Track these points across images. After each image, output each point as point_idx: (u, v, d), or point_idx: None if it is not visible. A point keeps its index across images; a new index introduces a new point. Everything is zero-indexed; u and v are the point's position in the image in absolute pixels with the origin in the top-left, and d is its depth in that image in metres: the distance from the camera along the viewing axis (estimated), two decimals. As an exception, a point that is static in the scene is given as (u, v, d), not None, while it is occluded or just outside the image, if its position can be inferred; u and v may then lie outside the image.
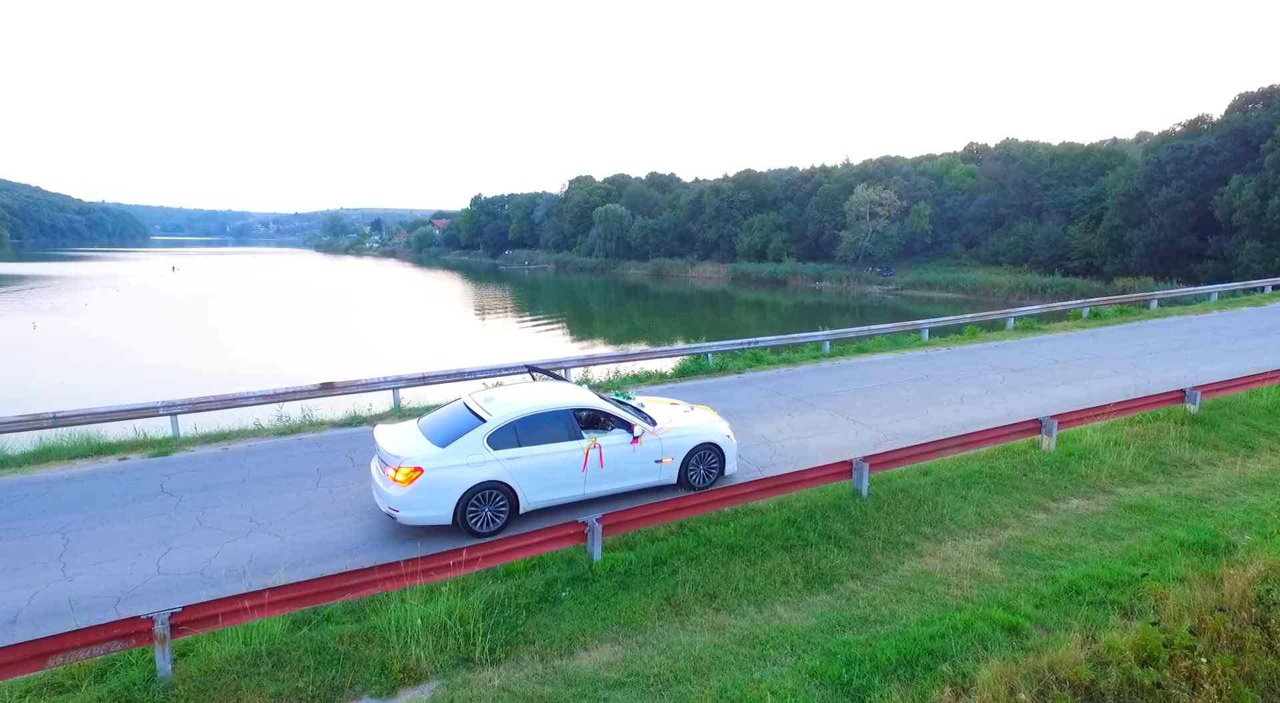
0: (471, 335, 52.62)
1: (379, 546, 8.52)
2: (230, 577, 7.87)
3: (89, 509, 9.66)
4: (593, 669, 6.22)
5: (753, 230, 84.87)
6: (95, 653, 5.95)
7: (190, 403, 13.10)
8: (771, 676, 5.99)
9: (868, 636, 6.49)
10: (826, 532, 8.31)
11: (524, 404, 9.06)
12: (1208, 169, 53.11)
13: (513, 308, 74.87)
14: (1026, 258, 64.33)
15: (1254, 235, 49.83)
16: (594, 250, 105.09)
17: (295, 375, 20.63)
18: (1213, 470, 10.09)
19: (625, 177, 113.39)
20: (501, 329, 57.62)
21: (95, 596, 7.54)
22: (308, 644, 6.45)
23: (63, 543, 8.71)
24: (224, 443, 12.47)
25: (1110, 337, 19.14)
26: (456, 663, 6.31)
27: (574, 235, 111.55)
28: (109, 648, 5.98)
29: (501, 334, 54.57)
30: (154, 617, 6.04)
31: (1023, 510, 8.98)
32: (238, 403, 13.39)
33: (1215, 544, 7.83)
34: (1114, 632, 6.31)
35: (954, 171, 72.31)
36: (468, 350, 38.27)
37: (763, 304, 75.37)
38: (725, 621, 6.89)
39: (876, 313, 65.92)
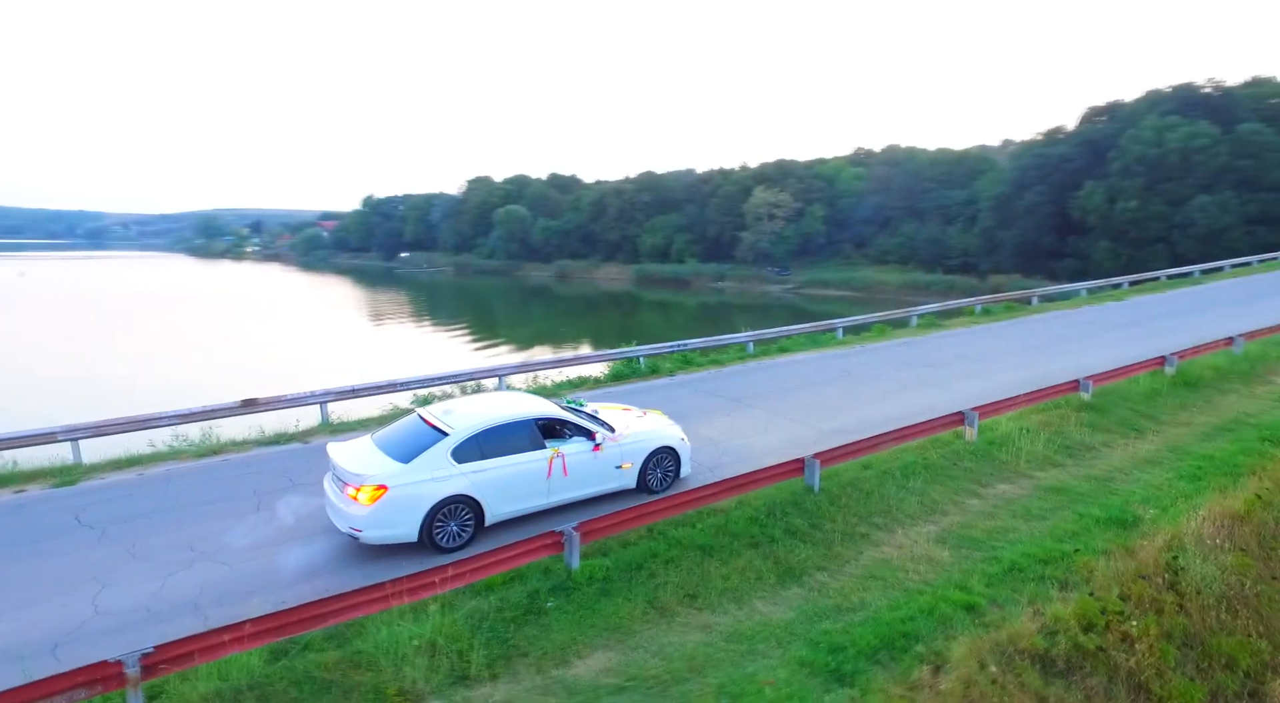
0: (378, 344, 50.88)
1: (340, 568, 8.27)
2: (182, 612, 7.45)
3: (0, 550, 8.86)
4: (591, 677, 6.34)
5: (655, 232, 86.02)
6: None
7: (94, 427, 12.15)
8: (764, 669, 6.30)
9: (844, 624, 6.92)
10: (788, 528, 8.73)
11: (486, 416, 9.01)
12: (1065, 175, 58.07)
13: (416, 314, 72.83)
14: (911, 257, 68.32)
15: (1105, 235, 54.92)
16: (496, 252, 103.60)
17: (185, 394, 19.47)
18: (1110, 452, 11.24)
19: (525, 177, 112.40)
20: (407, 337, 56.02)
21: (26, 643, 6.96)
22: (291, 675, 6.25)
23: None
24: (138, 468, 11.66)
25: (1003, 332, 20.76)
26: (453, 682, 6.27)
27: (474, 237, 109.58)
28: (71, 698, 5.59)
29: (409, 342, 53.08)
30: (123, 659, 5.70)
31: (958, 497, 9.73)
32: (149, 424, 12.53)
33: (1125, 519, 8.77)
34: (1056, 604, 7.01)
35: (844, 175, 75.79)
36: (377, 361, 37.01)
37: (668, 305, 76.60)
38: (709, 619, 7.15)
39: (777, 311, 68.29)
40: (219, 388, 23.39)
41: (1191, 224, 50.84)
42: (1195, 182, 51.54)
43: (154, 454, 12.21)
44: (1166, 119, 54.14)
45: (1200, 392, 13.93)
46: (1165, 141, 52.71)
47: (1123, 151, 54.67)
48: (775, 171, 78.81)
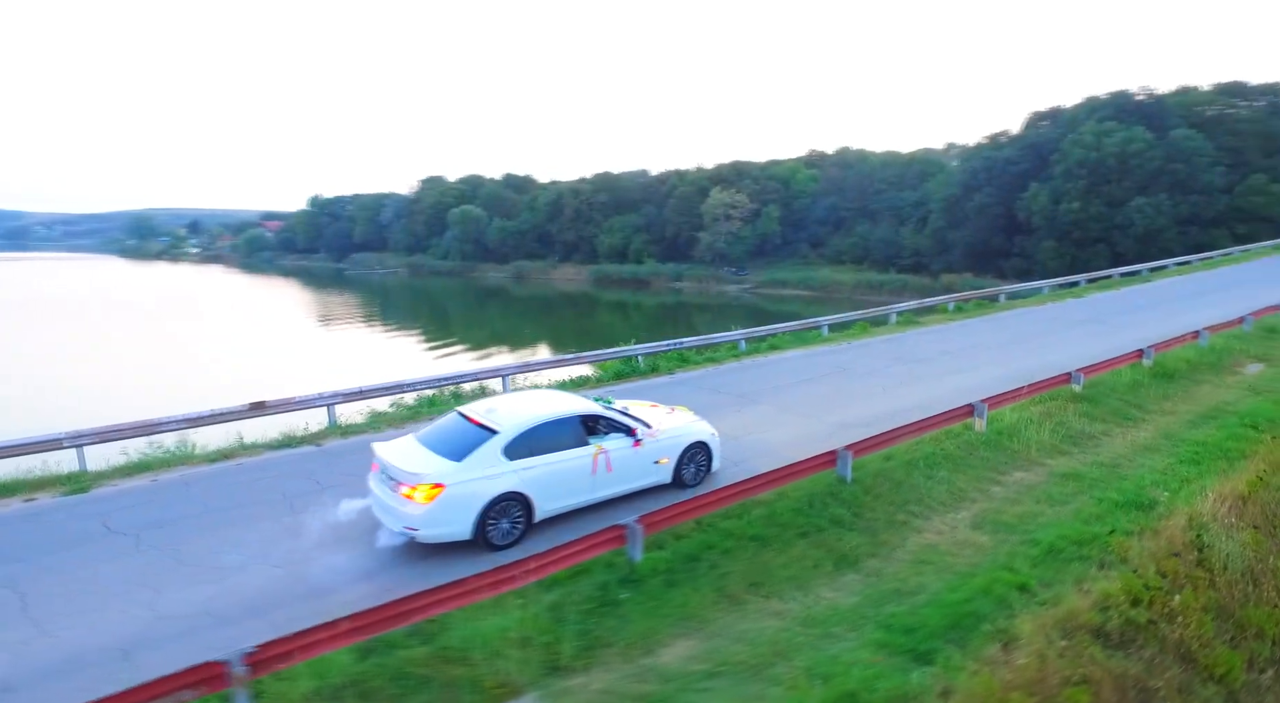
0: (329, 348, 49.71)
1: (393, 567, 8.25)
2: (246, 614, 7.38)
3: (25, 558, 8.57)
4: (680, 664, 6.52)
5: (613, 232, 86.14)
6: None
7: (100, 432, 11.79)
8: (846, 651, 6.58)
9: (909, 606, 7.25)
10: (832, 517, 9.05)
11: (533, 413, 9.09)
12: (1011, 177, 60.33)
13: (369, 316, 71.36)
14: (865, 257, 69.98)
15: (1049, 235, 57.26)
16: (450, 253, 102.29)
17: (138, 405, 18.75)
18: (1110, 440, 11.90)
19: (479, 177, 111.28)
20: (359, 340, 54.76)
21: (95, 649, 6.83)
22: (386, 672, 6.28)
23: (18, 597, 7.73)
24: (149, 474, 11.36)
25: (977, 328, 21.60)
26: (547, 673, 6.38)
27: (428, 238, 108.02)
28: (178, 699, 5.53)
29: (362, 345, 51.97)
30: (227, 660, 5.66)
31: (981, 485, 10.20)
32: (156, 429, 12.21)
33: (1142, 501, 9.34)
34: (1102, 582, 7.47)
35: (799, 176, 77.14)
36: (343, 367, 36.27)
37: (626, 305, 76.82)
38: (779, 606, 7.40)
39: (735, 311, 69.12)
40: (152, 400, 22.82)
41: (1130, 225, 53.46)
42: (1132, 184, 54.21)
43: (163, 459, 11.89)
44: (1105, 124, 56.79)
45: (1177, 382, 14.80)
46: (1104, 146, 55.28)
47: (1065, 155, 57.10)
48: (731, 173, 79.79)
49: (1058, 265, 55.28)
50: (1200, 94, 61.06)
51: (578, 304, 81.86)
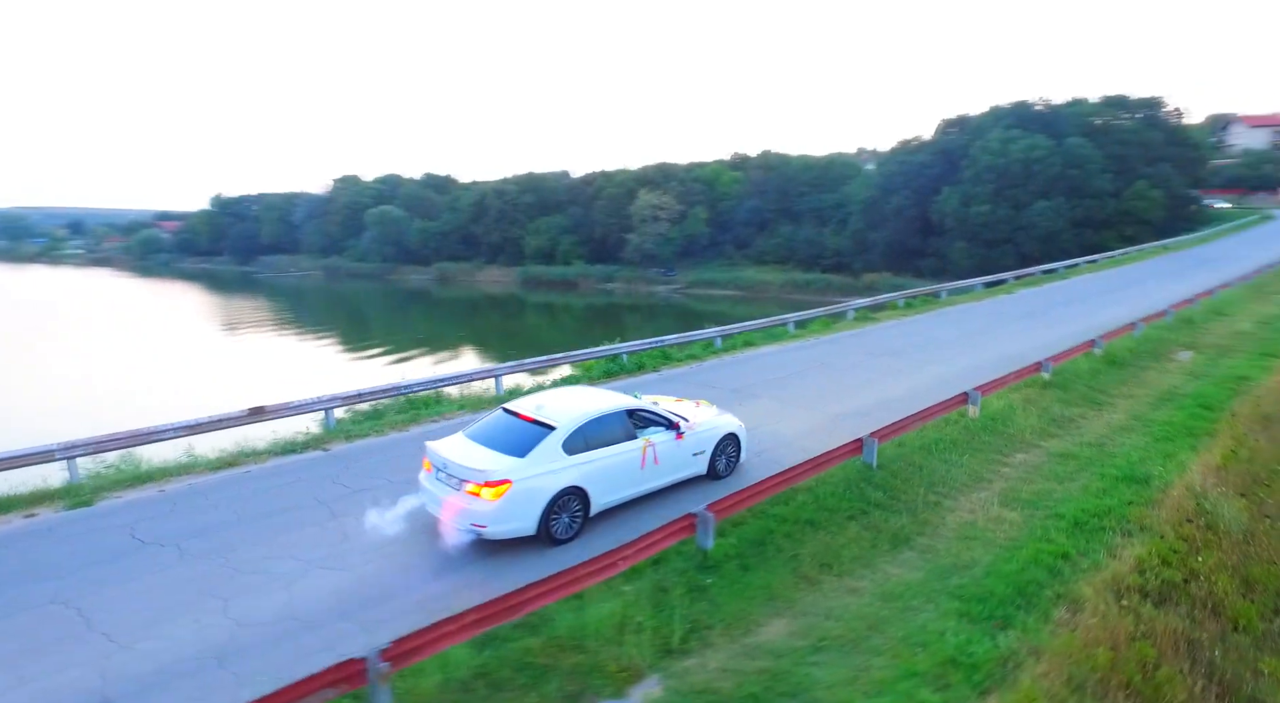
0: (235, 356, 47.33)
1: (463, 566, 8.24)
2: (330, 617, 7.28)
3: (63, 575, 8.11)
4: (782, 641, 6.84)
5: (539, 233, 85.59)
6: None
7: (94, 443, 11.15)
8: (931, 621, 7.05)
9: (971, 578, 7.81)
10: (872, 501, 9.57)
11: (586, 408, 9.22)
12: (925, 181, 63.52)
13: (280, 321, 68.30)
14: (790, 257, 72.10)
15: (961, 237, 60.65)
16: (369, 255, 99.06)
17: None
18: (1088, 423, 12.97)
19: (398, 177, 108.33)
20: (270, 346, 52.30)
21: (184, 659, 6.61)
22: (508, 663, 6.36)
23: (76, 613, 7.34)
24: (154, 484, 10.84)
25: (932, 323, 22.86)
26: (661, 655, 6.59)
27: (344, 239, 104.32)
28: (321, 698, 5.46)
29: (272, 352, 49.74)
30: (366, 657, 5.62)
31: (991, 467, 10.96)
32: (153, 438, 11.62)
33: (1139, 476, 10.28)
34: (1134, 548, 8.25)
35: (723, 178, 78.71)
36: (253, 377, 34.76)
37: (555, 307, 76.57)
38: (852, 584, 7.83)
39: (666, 312, 70.00)
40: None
41: (1033, 226, 57.28)
42: (1035, 188, 58.10)
43: (164, 469, 11.35)
44: (1009, 132, 60.63)
45: (1126, 369, 16.20)
46: (1009, 152, 59.02)
47: (974, 161, 60.63)
48: (657, 174, 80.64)
49: (969, 265, 58.60)
50: (1089, 106, 66.04)
51: (505, 307, 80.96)
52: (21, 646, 6.77)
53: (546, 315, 75.59)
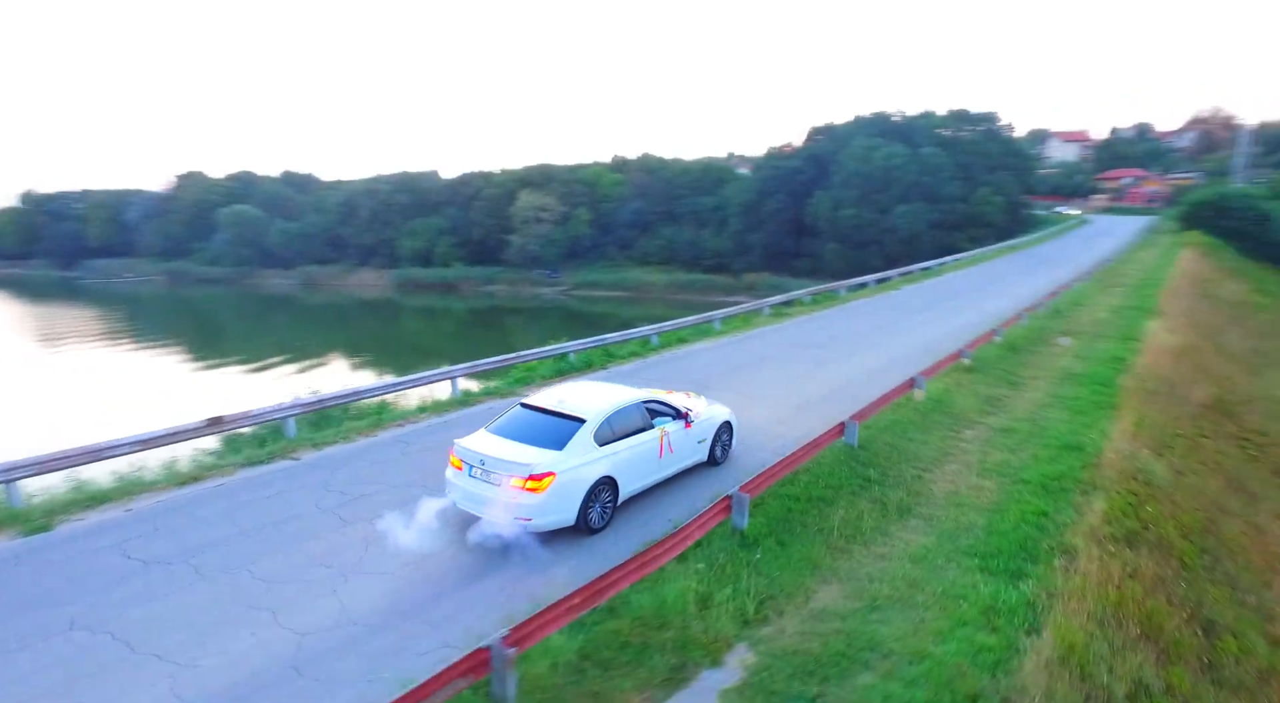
0: (62, 373, 42.92)
1: (503, 560, 8.28)
2: (395, 618, 7.20)
3: (74, 600, 7.48)
4: (840, 605, 7.44)
5: (415, 235, 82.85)
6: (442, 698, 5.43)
7: (37, 463, 10.07)
8: (959, 577, 7.89)
9: (977, 539, 8.74)
10: (867, 477, 10.40)
11: (609, 401, 9.47)
12: (798, 185, 67.16)
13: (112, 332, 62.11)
14: (672, 258, 73.87)
15: (833, 239, 64.64)
16: (222, 258, 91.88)
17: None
18: (1013, 401, 14.55)
19: (252, 174, 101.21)
20: (96, 360, 47.68)
21: (256, 672, 6.38)
22: (606, 643, 6.59)
23: (110, 637, 6.83)
24: (115, 504, 10.03)
25: (842, 318, 24.47)
26: (741, 625, 7.02)
27: (190, 241, 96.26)
28: (456, 689, 5.48)
29: (115, 367, 45.46)
30: (490, 645, 5.69)
31: (950, 443, 12.13)
32: (104, 455, 10.64)
33: (1075, 444, 11.74)
34: (1093, 503, 9.52)
35: (605, 180, 79.44)
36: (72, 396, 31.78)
37: (435, 311, 74.48)
38: (878, 551, 8.56)
39: (551, 314, 69.82)
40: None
41: (896, 229, 61.98)
42: (896, 193, 62.90)
43: (121, 488, 10.48)
44: (872, 141, 65.25)
45: (1024, 354, 18.20)
46: (872, 159, 63.58)
47: (841, 167, 64.79)
48: (539, 175, 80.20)
49: (841, 265, 62.52)
50: (937, 118, 72.27)
51: (379, 311, 77.77)
52: (68, 673, 6.25)
53: (426, 320, 73.33)
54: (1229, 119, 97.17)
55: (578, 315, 68.22)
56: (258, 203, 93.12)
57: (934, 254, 55.93)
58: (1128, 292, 28.27)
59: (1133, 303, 25.45)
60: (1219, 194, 55.59)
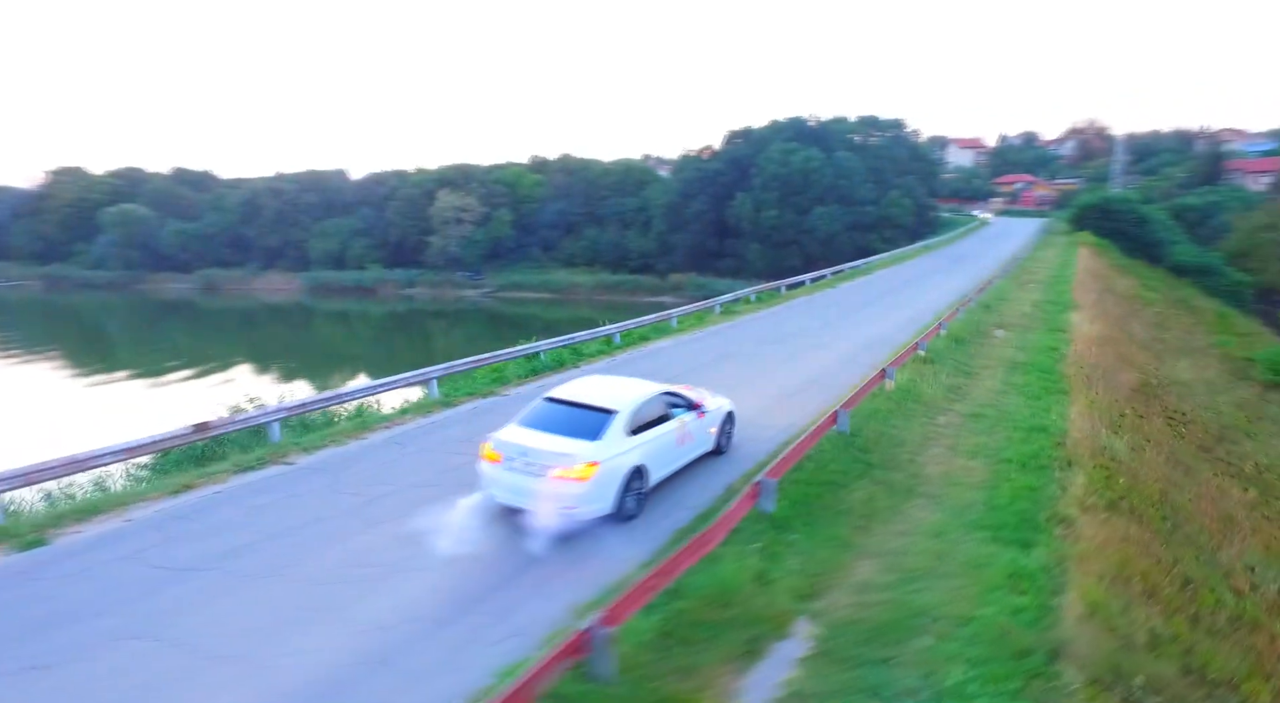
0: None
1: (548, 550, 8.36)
2: (460, 611, 7.28)
3: (110, 612, 7.20)
4: (880, 577, 7.93)
5: (327, 236, 79.92)
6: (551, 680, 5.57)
7: (23, 474, 9.42)
8: (976, 548, 8.52)
9: (980, 514, 9.41)
10: (868, 462, 11.00)
11: (635, 393, 9.74)
12: (720, 187, 68.66)
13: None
14: (596, 259, 74.07)
15: (755, 239, 66.41)
16: (108, 261, 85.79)
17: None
18: (972, 389, 15.57)
19: (139, 171, 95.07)
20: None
21: (339, 668, 6.35)
22: (680, 623, 6.85)
23: (169, 644, 6.63)
24: (109, 516, 9.55)
25: (790, 314, 25.36)
26: (796, 600, 7.42)
27: (69, 243, 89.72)
28: (562, 669, 5.65)
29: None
30: (589, 628, 5.86)
31: (928, 428, 12.92)
32: (92, 464, 10.07)
33: (1040, 426, 12.72)
34: (1073, 478, 10.41)
35: (525, 181, 78.81)
36: None
37: (350, 316, 72.17)
38: (898, 528, 9.12)
39: (475, 316, 68.86)
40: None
41: (814, 230, 64.29)
42: (813, 196, 65.23)
43: (110, 499, 10.00)
44: (789, 145, 67.41)
45: (969, 346, 19.43)
46: (790, 163, 65.72)
47: (761, 170, 66.65)
48: (457, 175, 78.80)
49: (763, 265, 64.44)
50: (849, 123, 75.50)
51: (289, 316, 74.65)
52: (136, 680, 6.06)
53: (341, 324, 70.94)
54: (1102, 129, 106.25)
55: (503, 318, 67.45)
56: (146, 201, 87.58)
57: (852, 253, 58.51)
58: (1042, 287, 30.51)
59: (1050, 298, 27.53)
60: (1104, 198, 60.49)
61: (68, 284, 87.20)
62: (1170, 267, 50.69)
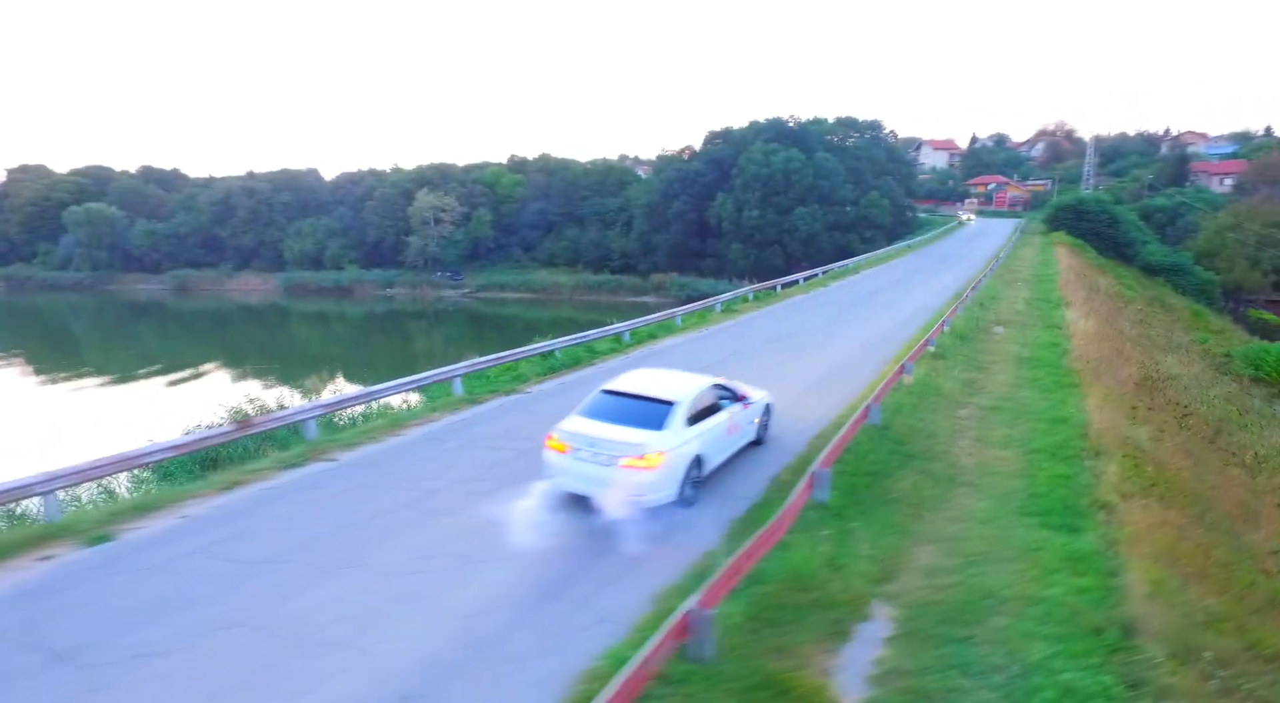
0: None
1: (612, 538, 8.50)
2: (542, 598, 7.40)
3: (197, 604, 7.19)
4: (943, 561, 8.18)
5: (303, 236, 78.96)
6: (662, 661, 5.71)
7: (77, 472, 9.39)
8: (1028, 533, 8.82)
9: (1024, 501, 9.72)
10: (907, 452, 11.28)
11: (690, 385, 10.01)
12: (701, 187, 69.06)
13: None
14: (578, 259, 74.10)
15: (736, 239, 66.91)
16: (74, 261, 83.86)
17: None
18: (987, 382, 15.98)
19: (106, 169, 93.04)
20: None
21: (439, 653, 6.43)
22: (762, 605, 7.01)
23: (267, 633, 6.70)
24: (163, 512, 9.46)
25: (791, 312, 25.69)
26: (870, 584, 7.62)
27: (31, 243, 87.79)
28: (670, 652, 5.78)
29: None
30: (691, 610, 6.02)
31: (952, 421, 13.24)
32: (138, 462, 10.01)
33: (1060, 417, 13.14)
34: (1107, 465, 10.77)
35: (504, 181, 78.54)
36: None
37: (328, 317, 71.33)
38: (948, 515, 9.39)
39: (456, 317, 68.49)
40: None
41: (796, 229, 64.96)
42: (794, 196, 65.89)
43: (161, 496, 9.88)
44: (769, 146, 67.99)
45: (972, 342, 19.90)
46: (772, 163, 66.26)
47: (742, 170, 67.13)
48: (436, 175, 78.32)
49: (744, 264, 65.09)
50: (828, 125, 76.42)
51: (263, 318, 73.62)
52: (249, 666, 6.15)
53: (318, 326, 70.03)
54: (1070, 132, 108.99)
55: (484, 318, 67.19)
56: (113, 200, 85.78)
57: (832, 253, 59.30)
58: (1029, 285, 31.27)
59: (1039, 295, 28.24)
60: (1078, 199, 62.03)
61: (32, 285, 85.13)
62: (1142, 266, 52.15)
